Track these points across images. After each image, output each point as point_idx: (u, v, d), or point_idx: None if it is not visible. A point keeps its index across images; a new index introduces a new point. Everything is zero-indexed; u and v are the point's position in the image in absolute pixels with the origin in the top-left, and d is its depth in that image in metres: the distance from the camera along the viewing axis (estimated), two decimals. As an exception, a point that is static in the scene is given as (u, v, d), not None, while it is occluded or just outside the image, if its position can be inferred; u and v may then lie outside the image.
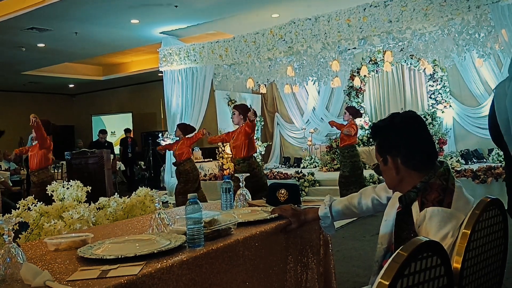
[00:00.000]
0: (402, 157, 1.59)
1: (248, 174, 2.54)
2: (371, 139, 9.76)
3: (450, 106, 9.90)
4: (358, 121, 10.88)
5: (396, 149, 1.60)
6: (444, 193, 1.50)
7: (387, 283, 0.96)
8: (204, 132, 6.64)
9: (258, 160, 5.57)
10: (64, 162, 8.55)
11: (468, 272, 1.38)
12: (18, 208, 2.58)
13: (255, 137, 11.38)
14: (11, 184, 9.04)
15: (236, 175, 2.46)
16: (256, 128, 11.58)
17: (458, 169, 7.56)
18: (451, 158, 8.68)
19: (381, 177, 1.81)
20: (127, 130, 13.43)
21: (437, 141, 9.35)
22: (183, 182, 6.79)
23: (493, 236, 1.49)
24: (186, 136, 6.93)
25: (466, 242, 1.35)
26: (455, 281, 1.30)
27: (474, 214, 1.40)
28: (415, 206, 1.54)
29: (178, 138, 7.13)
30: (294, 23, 7.77)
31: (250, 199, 2.40)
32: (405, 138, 1.60)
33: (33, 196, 2.70)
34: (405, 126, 1.61)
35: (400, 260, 0.99)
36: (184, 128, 7.04)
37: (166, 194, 8.29)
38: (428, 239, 1.08)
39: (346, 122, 7.18)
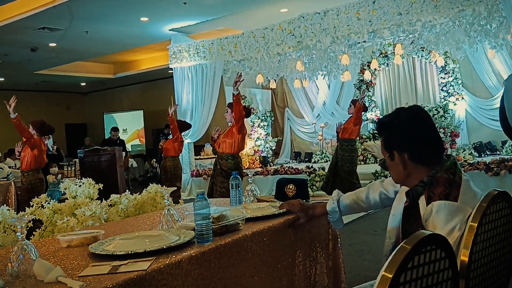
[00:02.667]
0: (409, 152, 1.59)
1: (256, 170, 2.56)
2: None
3: (463, 98, 9.79)
4: (369, 114, 10.84)
5: (402, 145, 1.60)
6: (451, 186, 1.50)
7: (391, 276, 0.97)
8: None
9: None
10: (77, 160, 8.68)
11: (476, 265, 1.38)
12: (32, 206, 2.62)
13: (265, 133, 11.51)
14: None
15: (244, 171, 2.48)
16: (266, 124, 11.70)
17: (471, 161, 7.47)
18: (464, 150, 8.59)
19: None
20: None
21: (449, 134, 9.26)
22: (164, 181, 6.73)
23: (501, 229, 1.48)
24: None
25: (473, 235, 1.35)
26: (463, 274, 1.30)
27: (481, 207, 1.40)
28: (422, 200, 1.55)
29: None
30: (303, 17, 7.75)
31: (259, 195, 2.42)
32: (412, 133, 1.59)
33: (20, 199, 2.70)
34: (411, 121, 1.60)
35: (404, 253, 0.99)
36: (180, 125, 7.10)
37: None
38: (431, 232, 1.08)
39: (351, 115, 7.20)
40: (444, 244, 1.11)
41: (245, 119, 5.55)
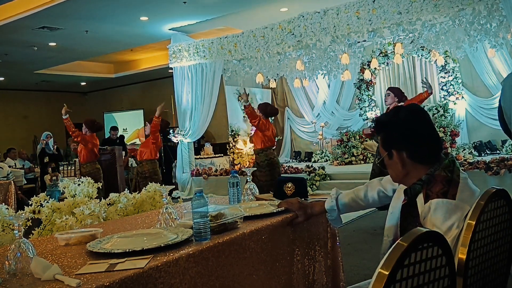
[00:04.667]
0: (408, 151, 1.58)
1: (255, 169, 2.56)
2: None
3: (463, 97, 9.78)
4: (369, 114, 10.83)
5: (401, 143, 1.60)
6: (449, 184, 1.50)
7: (387, 273, 0.97)
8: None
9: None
10: (77, 159, 8.67)
11: (474, 263, 1.38)
12: (31, 205, 2.62)
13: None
14: (25, 182, 9.20)
15: (243, 169, 2.47)
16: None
17: (471, 161, 7.46)
18: (464, 150, 8.57)
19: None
20: None
21: (449, 133, 9.24)
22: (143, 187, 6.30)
23: (498, 227, 1.48)
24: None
25: (471, 233, 1.35)
26: (460, 272, 1.30)
27: (479, 204, 1.40)
28: (420, 198, 1.55)
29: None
30: (303, 16, 7.74)
31: (257, 193, 2.42)
32: (410, 132, 1.59)
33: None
34: (409, 120, 1.60)
35: (400, 250, 0.99)
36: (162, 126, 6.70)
37: (177, 190, 8.34)
38: (428, 230, 1.08)
39: (388, 106, 5.89)
40: (441, 241, 1.10)
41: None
